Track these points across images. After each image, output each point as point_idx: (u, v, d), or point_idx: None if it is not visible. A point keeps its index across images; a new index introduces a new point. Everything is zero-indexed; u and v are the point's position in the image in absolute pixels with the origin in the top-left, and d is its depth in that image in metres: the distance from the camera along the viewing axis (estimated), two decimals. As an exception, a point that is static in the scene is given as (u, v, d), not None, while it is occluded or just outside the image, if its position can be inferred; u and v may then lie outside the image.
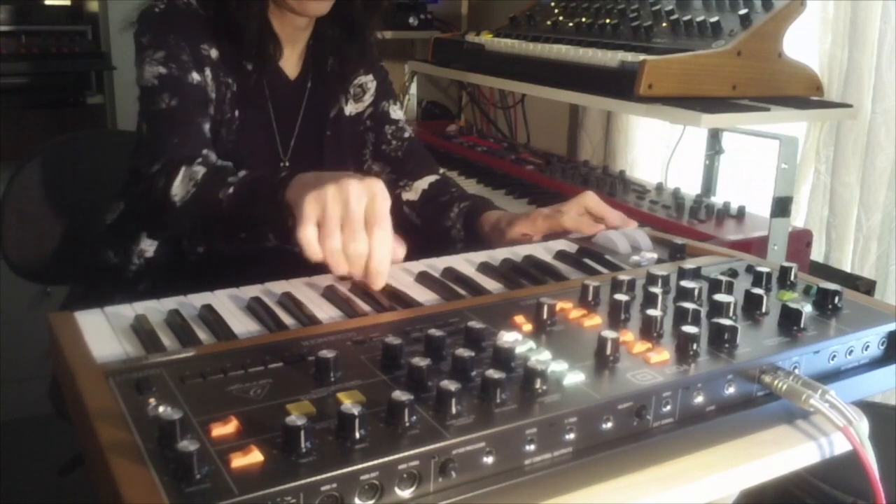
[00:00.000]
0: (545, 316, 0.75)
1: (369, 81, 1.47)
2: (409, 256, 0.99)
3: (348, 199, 0.84)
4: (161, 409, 0.58)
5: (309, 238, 0.85)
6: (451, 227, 1.34)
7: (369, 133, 1.48)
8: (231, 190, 1.04)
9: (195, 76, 1.23)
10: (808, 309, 0.77)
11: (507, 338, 0.69)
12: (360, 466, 0.53)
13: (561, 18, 1.88)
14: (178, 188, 1.10)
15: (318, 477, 0.52)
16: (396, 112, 1.50)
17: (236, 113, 1.30)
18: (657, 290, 0.79)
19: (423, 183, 1.45)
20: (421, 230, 1.41)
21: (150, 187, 1.14)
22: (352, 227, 0.84)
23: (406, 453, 0.55)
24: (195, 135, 1.20)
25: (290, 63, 1.38)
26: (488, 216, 1.27)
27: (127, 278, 1.31)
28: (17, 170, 1.65)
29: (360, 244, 0.85)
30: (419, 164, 1.48)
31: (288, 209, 0.93)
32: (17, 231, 1.65)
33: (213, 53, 1.27)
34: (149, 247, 1.31)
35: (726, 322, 0.71)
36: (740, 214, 1.49)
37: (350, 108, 1.45)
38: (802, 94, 1.58)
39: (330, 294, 0.86)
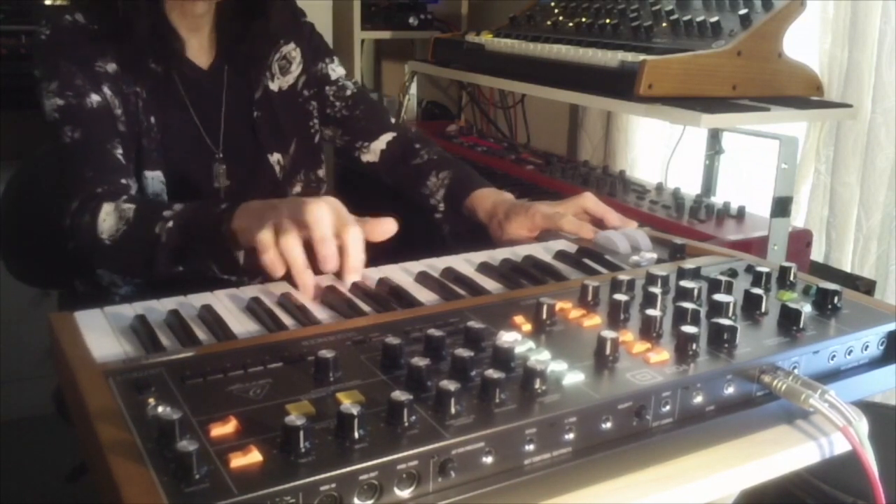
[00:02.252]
0: (545, 316, 0.75)
1: (292, 50, 1.38)
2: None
3: (312, 213, 0.84)
4: (160, 408, 0.58)
5: (273, 261, 0.85)
6: (430, 195, 1.30)
7: (311, 102, 1.40)
8: (170, 224, 1.02)
9: (94, 98, 1.18)
10: (807, 309, 0.77)
11: (506, 338, 0.69)
12: (359, 466, 0.53)
13: (561, 18, 1.88)
14: (105, 225, 1.08)
15: (317, 477, 0.52)
16: (335, 70, 1.42)
17: (152, 119, 1.24)
18: (657, 290, 0.79)
19: (381, 143, 1.39)
20: (391, 188, 1.38)
21: (74, 225, 1.12)
22: (322, 234, 0.84)
23: (405, 453, 0.55)
24: (108, 164, 1.16)
25: (200, 53, 1.31)
26: (480, 199, 1.24)
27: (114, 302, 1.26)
28: (15, 172, 1.64)
29: (330, 246, 0.85)
30: (372, 121, 1.41)
31: (233, 239, 0.93)
32: (16, 235, 1.64)
33: (111, 68, 1.21)
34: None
35: (726, 322, 0.71)
36: (740, 214, 1.49)
37: (278, 84, 1.37)
38: (802, 94, 1.58)
39: (329, 294, 0.86)
